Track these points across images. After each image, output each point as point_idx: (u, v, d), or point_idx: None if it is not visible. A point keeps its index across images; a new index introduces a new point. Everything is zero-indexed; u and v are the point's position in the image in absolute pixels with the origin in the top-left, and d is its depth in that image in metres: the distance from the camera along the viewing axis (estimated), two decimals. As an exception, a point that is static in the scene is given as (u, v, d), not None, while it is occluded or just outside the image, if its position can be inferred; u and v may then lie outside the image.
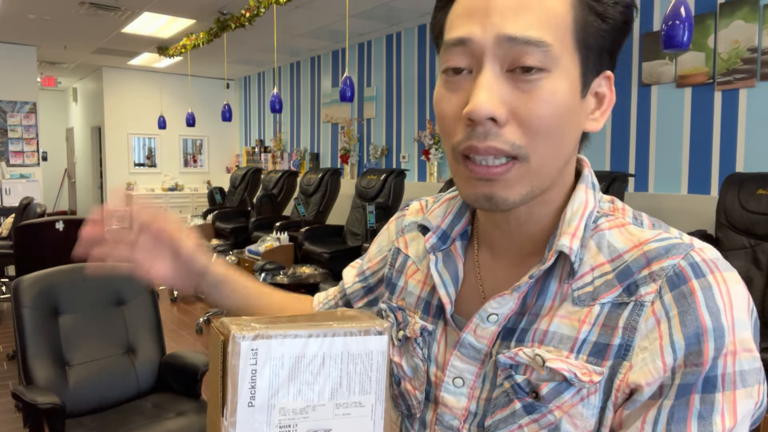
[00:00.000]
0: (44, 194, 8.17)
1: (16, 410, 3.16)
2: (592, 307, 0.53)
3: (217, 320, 0.53)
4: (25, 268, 3.11)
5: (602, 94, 0.58)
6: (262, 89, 9.20)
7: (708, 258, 0.51)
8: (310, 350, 0.51)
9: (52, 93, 11.80)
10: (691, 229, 3.38)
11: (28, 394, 1.97)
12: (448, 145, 0.56)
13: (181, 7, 5.73)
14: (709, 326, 0.48)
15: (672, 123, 3.91)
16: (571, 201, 0.58)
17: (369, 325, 0.54)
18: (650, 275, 0.52)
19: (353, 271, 0.81)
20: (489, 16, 0.51)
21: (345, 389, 0.53)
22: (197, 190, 9.82)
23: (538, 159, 0.53)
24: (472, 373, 0.59)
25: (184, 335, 4.59)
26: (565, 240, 0.55)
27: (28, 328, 2.20)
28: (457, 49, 0.53)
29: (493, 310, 0.58)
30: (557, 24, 0.51)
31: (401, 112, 6.27)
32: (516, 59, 0.51)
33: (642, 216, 0.58)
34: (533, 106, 0.51)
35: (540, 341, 0.55)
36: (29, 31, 6.83)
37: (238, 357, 0.49)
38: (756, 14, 3.42)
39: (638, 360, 0.50)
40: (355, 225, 5.58)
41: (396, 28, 6.16)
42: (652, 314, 0.50)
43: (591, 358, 0.52)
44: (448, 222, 0.65)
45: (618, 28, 0.54)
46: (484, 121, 0.51)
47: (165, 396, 2.35)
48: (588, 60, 0.54)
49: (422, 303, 0.66)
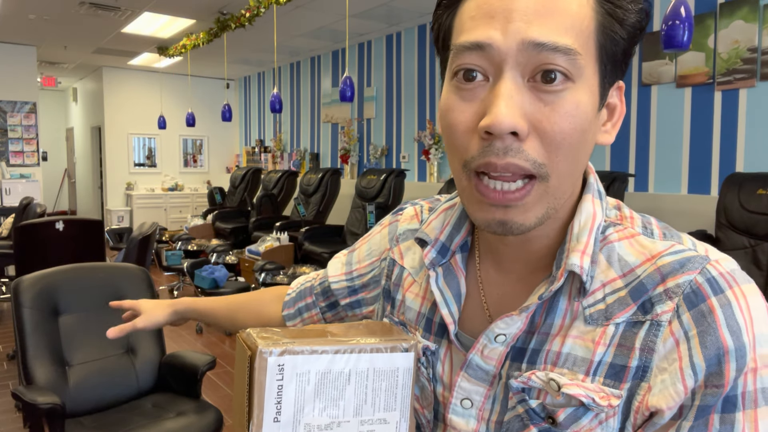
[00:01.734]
0: (44, 194, 8.17)
1: (16, 410, 3.16)
2: (607, 327, 0.51)
3: (243, 331, 0.53)
4: (25, 268, 3.11)
5: (614, 105, 0.55)
6: (262, 89, 9.19)
7: (725, 271, 0.49)
8: (336, 366, 0.51)
9: (52, 93, 11.80)
10: (691, 229, 3.38)
11: (28, 394, 1.97)
12: (457, 161, 0.52)
13: (181, 7, 5.73)
14: (730, 346, 0.46)
15: (672, 123, 3.91)
16: (578, 213, 0.54)
17: (395, 342, 0.53)
18: (666, 292, 0.49)
19: (339, 265, 0.78)
20: (511, 20, 0.47)
21: (370, 406, 0.52)
22: (197, 190, 9.82)
23: (558, 177, 0.50)
24: (480, 395, 0.57)
25: (184, 335, 4.59)
26: (575, 258, 0.52)
27: (28, 328, 2.20)
28: (473, 54, 0.49)
29: (501, 331, 0.55)
30: (582, 30, 0.48)
31: (401, 112, 6.27)
32: (539, 67, 0.47)
33: (651, 224, 0.55)
34: (557, 120, 0.48)
35: (553, 363, 0.52)
36: (29, 31, 6.82)
37: (265, 372, 0.49)
38: (756, 14, 3.42)
39: (657, 381, 0.48)
40: (355, 225, 5.58)
41: (396, 28, 6.16)
42: (670, 334, 0.48)
43: (608, 381, 0.50)
44: (447, 234, 0.62)
45: (635, 35, 0.51)
46: (504, 136, 0.47)
47: (165, 396, 2.35)
48: (606, 69, 0.51)
49: (423, 319, 0.63)
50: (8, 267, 5.22)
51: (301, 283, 0.83)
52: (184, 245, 6.04)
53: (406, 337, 0.55)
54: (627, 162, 4.19)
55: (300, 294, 0.82)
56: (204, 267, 4.65)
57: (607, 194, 0.59)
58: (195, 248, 5.93)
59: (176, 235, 6.62)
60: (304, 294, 0.81)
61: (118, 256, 4.71)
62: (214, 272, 4.57)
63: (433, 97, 5.86)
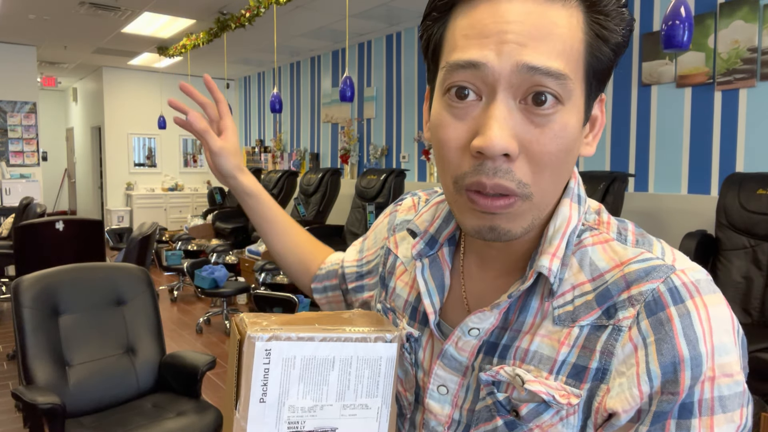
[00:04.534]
0: (44, 194, 8.17)
1: (16, 410, 3.16)
2: (572, 328, 0.53)
3: (238, 316, 0.56)
4: (25, 268, 3.11)
5: (595, 117, 0.56)
6: (262, 89, 9.20)
7: (689, 281, 0.50)
8: (321, 353, 0.54)
9: (52, 93, 11.80)
10: (691, 229, 3.38)
11: (28, 394, 1.98)
12: (448, 176, 0.53)
13: (181, 7, 5.73)
14: (686, 355, 0.47)
15: (672, 123, 3.91)
16: (554, 217, 0.56)
17: (380, 332, 0.56)
18: (629, 299, 0.51)
19: (354, 251, 0.83)
20: (505, 42, 0.48)
21: (353, 392, 0.55)
22: (197, 190, 9.83)
23: (540, 194, 0.52)
24: (455, 383, 0.59)
25: (184, 335, 4.59)
26: (545, 260, 0.54)
27: (28, 328, 2.21)
28: (466, 73, 0.50)
29: (474, 325, 0.57)
30: (572, 54, 0.49)
31: (401, 112, 6.27)
32: (530, 89, 0.49)
33: (627, 230, 0.57)
34: (546, 142, 0.49)
35: (521, 359, 0.55)
36: (29, 31, 6.83)
37: (252, 356, 0.52)
38: (756, 14, 3.42)
39: (615, 385, 0.50)
40: (355, 225, 5.58)
41: (396, 28, 6.16)
42: (629, 340, 0.50)
43: (570, 380, 0.52)
44: (436, 227, 0.64)
45: (619, 52, 0.52)
46: (496, 157, 0.49)
47: (165, 396, 2.35)
48: (591, 87, 0.52)
49: (409, 308, 0.66)
50: (8, 267, 5.23)
51: (332, 262, 0.86)
52: (184, 245, 6.05)
53: (391, 328, 0.58)
54: (627, 162, 4.19)
55: (328, 274, 0.86)
56: (204, 267, 4.65)
57: (606, 194, 0.60)
58: (195, 248, 5.94)
59: (176, 235, 6.63)
60: (331, 275, 0.85)
61: (118, 256, 4.71)
62: (214, 272, 4.57)
63: (433, 97, 5.86)
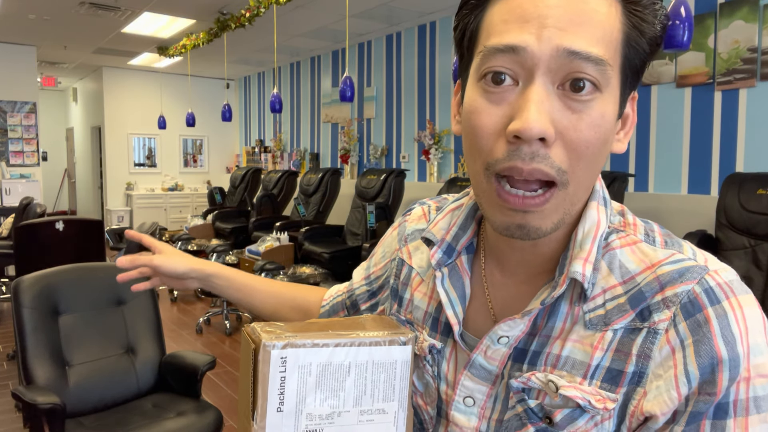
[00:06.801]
0: (44, 194, 8.17)
1: (16, 410, 3.16)
2: (605, 332, 0.52)
3: (248, 326, 0.55)
4: (25, 268, 3.11)
5: (627, 115, 0.56)
6: (262, 89, 9.20)
7: (723, 281, 0.50)
8: (336, 359, 0.53)
9: (52, 93, 11.80)
10: (691, 229, 3.38)
11: (28, 394, 1.97)
12: (479, 163, 0.52)
13: (181, 7, 5.73)
14: (724, 356, 0.47)
15: (672, 123, 3.91)
16: (583, 220, 0.55)
17: (394, 335, 0.56)
18: (664, 301, 0.50)
19: (360, 271, 0.81)
20: (545, 26, 0.48)
21: (369, 397, 0.55)
22: (197, 190, 9.82)
23: (576, 184, 0.51)
24: (483, 393, 0.58)
25: (184, 335, 4.59)
26: (578, 266, 0.53)
27: (28, 328, 2.20)
28: (504, 57, 0.49)
29: (504, 333, 0.56)
30: (611, 42, 0.49)
31: (401, 112, 6.27)
32: (569, 75, 0.48)
33: (654, 231, 0.56)
34: (583, 128, 0.49)
35: (553, 365, 0.54)
36: (29, 31, 6.83)
37: (268, 365, 0.51)
38: (756, 14, 3.42)
39: (652, 388, 0.49)
40: (355, 225, 5.58)
41: (396, 28, 6.16)
42: (666, 342, 0.49)
43: (605, 385, 0.51)
44: (453, 234, 0.63)
45: (654, 48, 0.52)
46: (532, 141, 0.48)
47: (165, 396, 2.35)
48: (627, 80, 0.52)
49: (429, 319, 0.64)
50: (8, 267, 5.23)
51: (333, 296, 0.84)
52: (184, 245, 6.04)
53: (404, 331, 0.57)
54: (627, 162, 4.19)
55: (333, 308, 0.83)
56: (204, 267, 4.64)
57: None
58: (195, 248, 5.93)
59: (176, 235, 6.62)
60: (337, 308, 0.83)
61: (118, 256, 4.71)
62: (214, 272, 4.56)
63: (433, 97, 5.86)
